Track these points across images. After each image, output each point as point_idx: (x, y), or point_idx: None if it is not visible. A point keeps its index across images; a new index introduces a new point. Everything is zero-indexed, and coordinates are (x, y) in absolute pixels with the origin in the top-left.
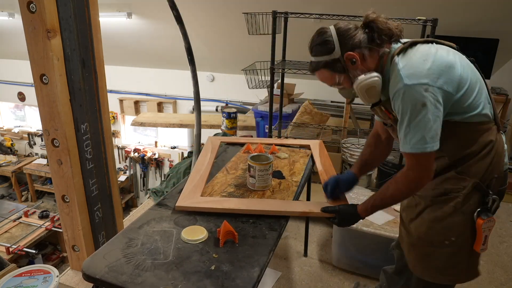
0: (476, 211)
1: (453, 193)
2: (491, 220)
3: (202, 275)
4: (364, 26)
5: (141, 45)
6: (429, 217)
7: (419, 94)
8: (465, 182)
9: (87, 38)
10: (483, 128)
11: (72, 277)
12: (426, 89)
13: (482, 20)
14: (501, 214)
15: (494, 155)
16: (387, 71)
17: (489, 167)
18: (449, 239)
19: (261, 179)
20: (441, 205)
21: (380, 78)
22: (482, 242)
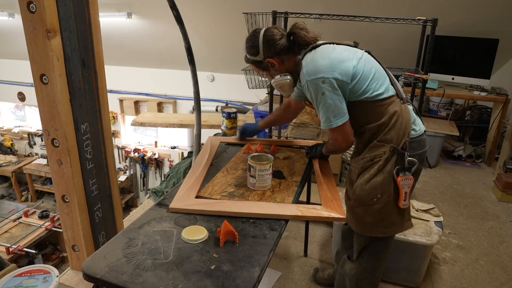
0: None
1: (377, 158)
2: (408, 178)
3: (203, 275)
4: (288, 35)
5: (141, 45)
6: (360, 180)
7: (318, 86)
8: (384, 148)
9: (87, 38)
10: (386, 102)
11: (72, 277)
12: (323, 81)
13: (482, 20)
14: (501, 214)
15: (401, 122)
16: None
17: (399, 132)
18: (376, 197)
19: (261, 179)
20: (369, 169)
21: (291, 79)
22: (403, 198)
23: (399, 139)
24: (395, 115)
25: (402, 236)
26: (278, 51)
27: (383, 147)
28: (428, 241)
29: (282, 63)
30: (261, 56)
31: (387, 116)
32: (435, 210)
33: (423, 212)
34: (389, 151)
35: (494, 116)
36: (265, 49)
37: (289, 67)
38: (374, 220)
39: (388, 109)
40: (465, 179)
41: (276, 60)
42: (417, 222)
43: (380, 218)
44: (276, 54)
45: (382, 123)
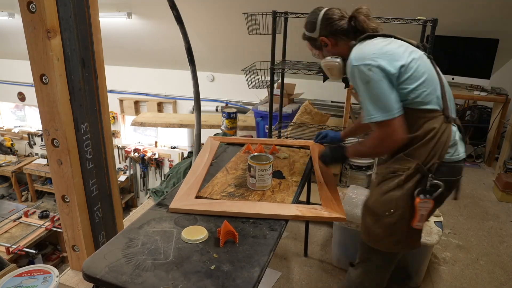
0: (416, 190)
1: (399, 172)
2: (427, 202)
3: (203, 275)
4: (349, 18)
5: (141, 45)
6: (378, 190)
7: (364, 73)
8: (410, 163)
9: (87, 38)
10: (428, 116)
11: (72, 277)
12: (370, 68)
13: (482, 20)
14: (501, 214)
15: (436, 141)
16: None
17: (430, 152)
18: (389, 211)
19: (261, 179)
20: (389, 181)
21: (341, 62)
22: (418, 219)
23: (428, 158)
24: (432, 132)
25: None
26: (335, 31)
27: (408, 162)
28: (428, 241)
29: (336, 45)
30: (316, 33)
31: (423, 130)
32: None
33: None
34: (414, 168)
35: (494, 116)
36: (322, 26)
37: (342, 50)
38: (382, 233)
39: (427, 124)
40: (465, 179)
41: (331, 41)
42: None
43: (389, 233)
44: (332, 35)
45: (416, 137)
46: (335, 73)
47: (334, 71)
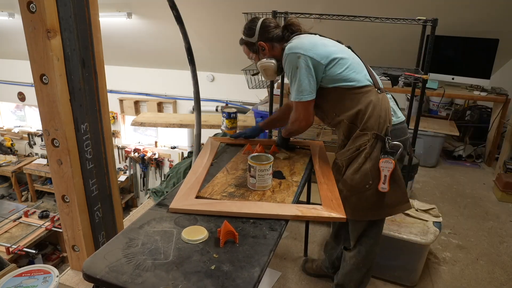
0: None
1: (362, 146)
2: (388, 161)
3: (203, 275)
4: (283, 27)
5: (141, 45)
6: (350, 170)
7: (294, 60)
8: (367, 136)
9: (87, 38)
10: (362, 90)
11: (72, 277)
12: (299, 56)
13: (482, 20)
14: (501, 214)
15: (380, 109)
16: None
17: (379, 120)
18: (368, 183)
19: (261, 179)
20: (357, 159)
21: (275, 63)
22: (382, 180)
23: (381, 126)
24: (371, 104)
25: (397, 234)
26: (271, 37)
27: (365, 135)
28: (423, 240)
29: (272, 49)
30: (255, 39)
31: (363, 104)
32: (434, 210)
33: (422, 212)
34: (373, 138)
35: (494, 116)
36: (261, 33)
37: (277, 53)
38: (369, 205)
39: (364, 98)
40: (465, 179)
41: (267, 45)
42: (416, 222)
43: (374, 202)
44: (268, 40)
45: (359, 111)
46: (270, 73)
47: (269, 71)
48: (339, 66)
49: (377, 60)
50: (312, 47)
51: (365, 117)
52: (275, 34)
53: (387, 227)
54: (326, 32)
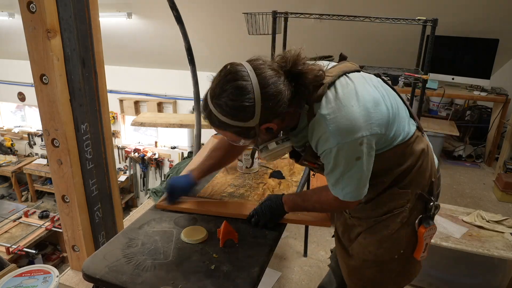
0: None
1: (397, 209)
2: (432, 228)
3: (202, 275)
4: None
5: (141, 45)
6: (376, 237)
7: (354, 150)
8: (407, 196)
9: (87, 38)
10: (412, 141)
11: (72, 277)
12: (361, 142)
13: (482, 20)
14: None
15: (428, 161)
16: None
17: (425, 174)
18: (398, 253)
19: (247, 162)
20: (387, 223)
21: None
22: (423, 249)
23: (425, 181)
24: (423, 155)
25: (486, 251)
26: (282, 109)
27: (406, 194)
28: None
29: (282, 122)
30: (256, 121)
31: (413, 157)
32: (509, 221)
33: (495, 223)
34: (415, 199)
35: (494, 116)
36: (264, 111)
37: (290, 123)
38: (392, 276)
39: (414, 149)
40: (465, 179)
41: (277, 122)
42: (493, 235)
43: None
44: (279, 116)
45: (409, 166)
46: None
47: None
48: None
49: (377, 60)
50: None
51: (412, 171)
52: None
53: (468, 244)
54: (326, 32)
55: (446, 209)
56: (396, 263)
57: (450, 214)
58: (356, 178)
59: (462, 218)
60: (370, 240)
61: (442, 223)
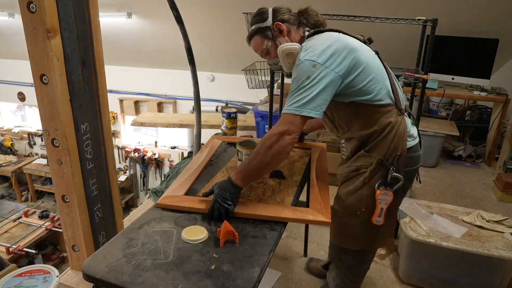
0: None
1: (363, 169)
2: (387, 194)
3: (203, 275)
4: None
5: (141, 45)
6: (344, 190)
7: (307, 67)
8: (371, 159)
9: (87, 38)
10: (382, 110)
11: (72, 277)
12: (314, 65)
13: (482, 20)
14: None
15: (394, 135)
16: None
17: (390, 145)
18: (360, 210)
19: None
20: (354, 180)
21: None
22: (377, 213)
23: (389, 152)
24: (389, 126)
25: (486, 250)
26: (287, 18)
27: (370, 158)
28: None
29: (289, 33)
30: (269, 22)
31: (379, 125)
32: (509, 221)
33: (495, 223)
34: (376, 163)
35: (494, 116)
36: (275, 15)
37: (296, 38)
38: (354, 233)
39: (382, 118)
40: (465, 179)
41: (286, 27)
42: (493, 235)
43: (361, 232)
44: (285, 21)
45: (373, 132)
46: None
47: (293, 56)
48: (363, 77)
49: None
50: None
51: (378, 138)
52: (290, 17)
53: (468, 244)
54: None
55: (446, 209)
56: (358, 220)
57: (450, 214)
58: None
59: (462, 218)
60: (341, 192)
61: (442, 223)
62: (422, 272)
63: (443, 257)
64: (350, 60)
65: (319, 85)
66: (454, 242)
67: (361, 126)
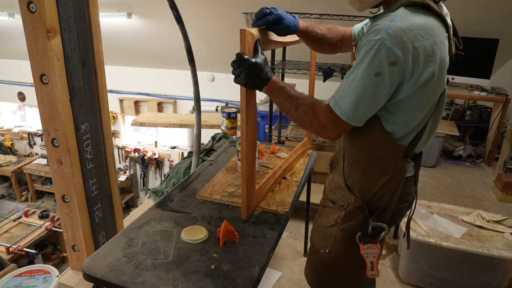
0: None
1: (338, 204)
2: (371, 247)
3: (202, 275)
4: None
5: (141, 45)
6: (318, 221)
7: (382, 61)
8: (350, 198)
9: (87, 38)
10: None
11: (72, 277)
12: (394, 62)
13: (482, 20)
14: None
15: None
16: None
17: (379, 192)
18: (325, 249)
19: None
20: (328, 213)
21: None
22: (369, 268)
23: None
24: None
25: (486, 250)
26: None
27: (349, 196)
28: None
29: None
30: None
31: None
32: (509, 221)
33: (495, 223)
34: (354, 206)
35: (494, 116)
36: None
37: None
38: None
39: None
40: (465, 179)
41: None
42: (493, 235)
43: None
44: None
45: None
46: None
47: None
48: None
49: None
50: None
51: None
52: None
53: (468, 244)
54: None
55: (446, 209)
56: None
57: (450, 214)
58: (359, 93)
59: (462, 218)
60: (316, 222)
61: (442, 223)
62: (422, 272)
63: (443, 257)
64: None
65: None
66: (454, 242)
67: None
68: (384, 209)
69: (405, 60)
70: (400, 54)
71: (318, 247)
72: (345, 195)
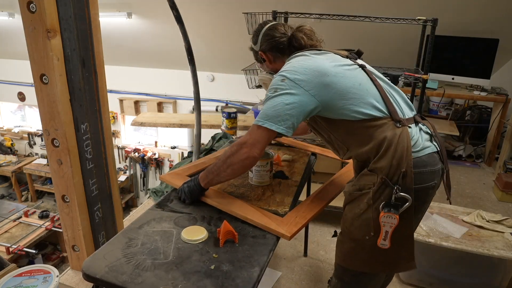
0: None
1: (366, 189)
2: (391, 217)
3: (202, 275)
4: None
5: (141, 45)
6: (350, 214)
7: (276, 81)
8: (374, 179)
9: (87, 38)
10: (374, 124)
11: (72, 277)
12: (283, 79)
13: (482, 20)
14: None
15: (395, 150)
16: None
17: (392, 162)
18: (369, 234)
19: (257, 174)
20: (358, 201)
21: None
22: (382, 236)
23: (392, 170)
24: (385, 142)
25: (486, 251)
26: (272, 48)
27: (373, 177)
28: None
29: (273, 61)
30: (257, 47)
31: (374, 142)
32: (509, 221)
33: (495, 223)
34: (379, 183)
35: (494, 116)
36: (263, 41)
37: (277, 67)
38: (366, 258)
39: (376, 133)
40: (465, 179)
41: (268, 56)
42: (493, 235)
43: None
44: (270, 50)
45: (371, 149)
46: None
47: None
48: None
49: (377, 60)
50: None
51: (376, 156)
52: (279, 44)
53: (468, 244)
54: (326, 32)
55: (446, 209)
56: (369, 244)
57: (450, 214)
58: (269, 107)
59: (462, 218)
60: (347, 216)
61: (442, 223)
62: (422, 272)
63: (443, 257)
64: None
65: (284, 98)
66: (454, 242)
67: (358, 143)
68: (404, 175)
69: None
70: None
71: (362, 237)
72: (369, 178)
